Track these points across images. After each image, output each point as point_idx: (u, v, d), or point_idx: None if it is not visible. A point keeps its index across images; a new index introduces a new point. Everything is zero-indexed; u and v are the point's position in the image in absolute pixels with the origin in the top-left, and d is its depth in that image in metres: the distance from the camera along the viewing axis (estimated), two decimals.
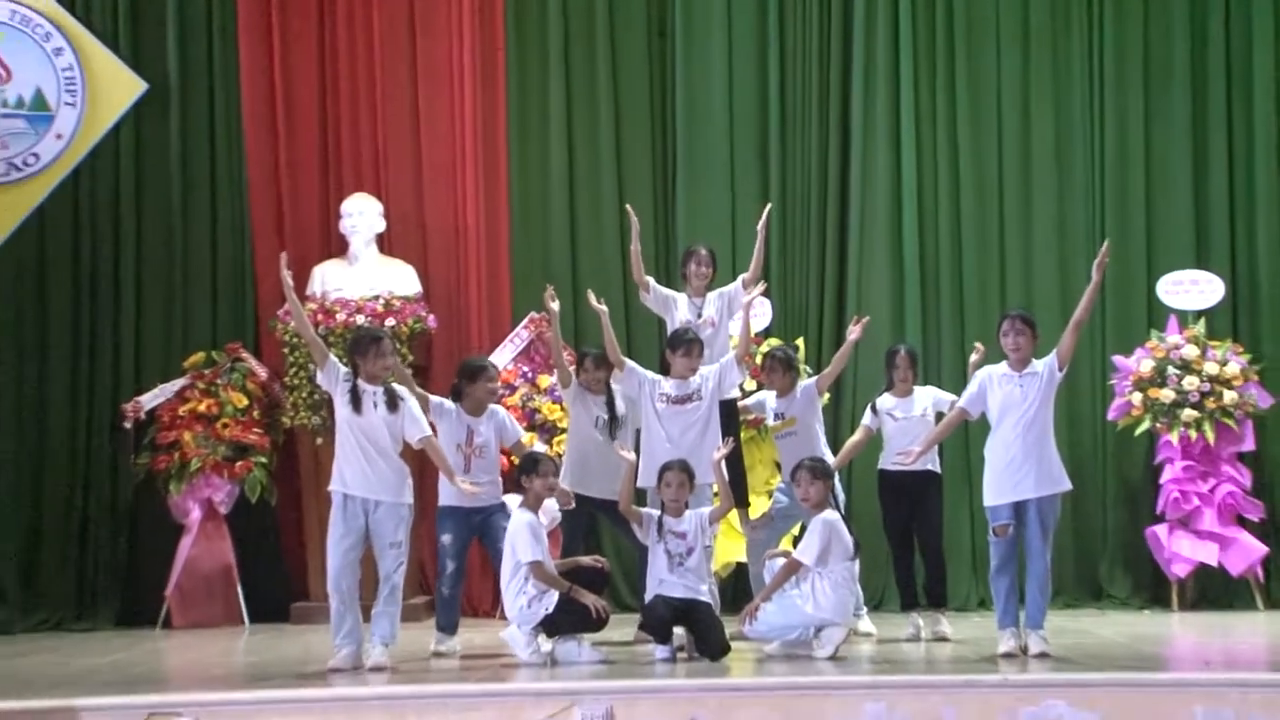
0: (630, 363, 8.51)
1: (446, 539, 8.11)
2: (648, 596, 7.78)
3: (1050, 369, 7.58)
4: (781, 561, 7.89)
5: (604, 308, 8.52)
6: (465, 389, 8.20)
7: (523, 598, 7.60)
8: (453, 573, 8.15)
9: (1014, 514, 7.52)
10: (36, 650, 8.97)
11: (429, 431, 7.72)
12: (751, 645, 7.83)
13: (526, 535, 7.60)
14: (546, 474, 7.82)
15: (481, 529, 8.14)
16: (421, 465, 8.34)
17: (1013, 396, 7.56)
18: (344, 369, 7.60)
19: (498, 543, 7.94)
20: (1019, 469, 7.49)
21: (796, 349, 9.61)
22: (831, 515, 7.75)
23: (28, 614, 10.33)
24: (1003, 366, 7.66)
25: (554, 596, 7.56)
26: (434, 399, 8.18)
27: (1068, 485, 7.66)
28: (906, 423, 8.55)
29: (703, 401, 8.32)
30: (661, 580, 7.70)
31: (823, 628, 7.57)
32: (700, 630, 7.59)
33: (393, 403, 7.56)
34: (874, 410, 8.71)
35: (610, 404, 8.57)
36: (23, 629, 10.17)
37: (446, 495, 7.99)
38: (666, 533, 7.73)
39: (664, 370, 8.54)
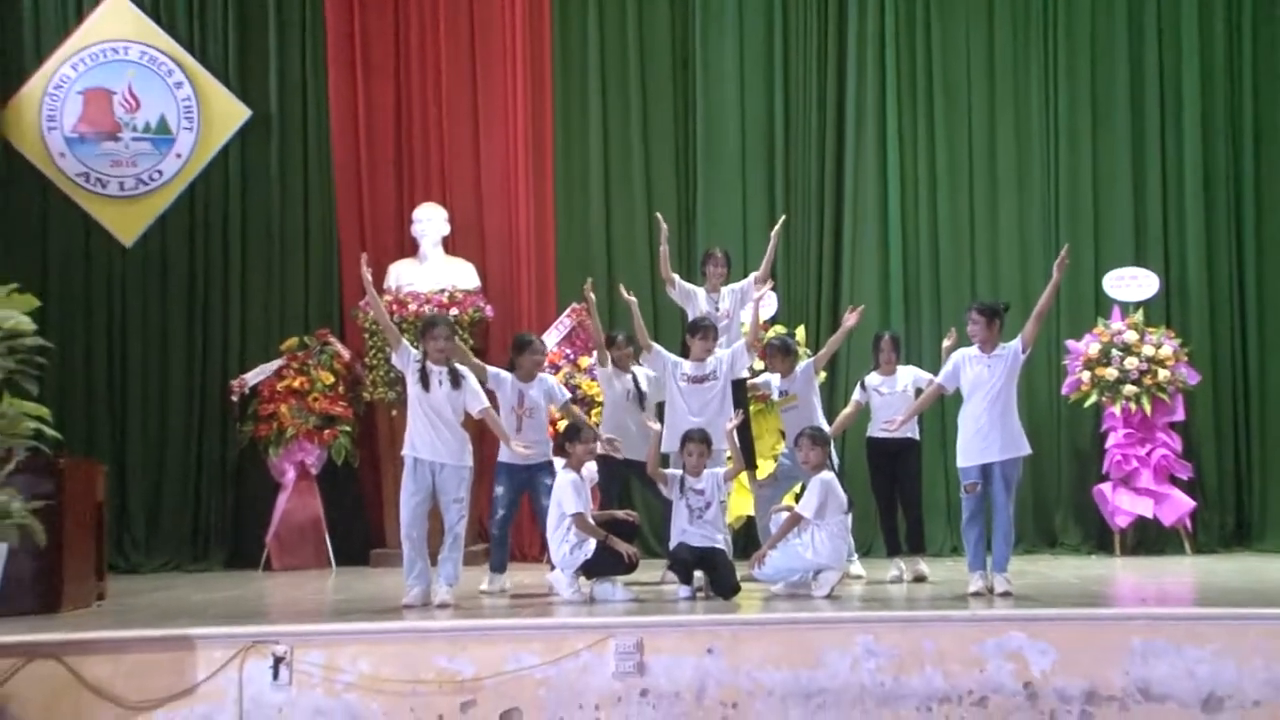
0: (656, 346, 8.46)
1: (500, 490, 8.10)
2: (672, 544, 7.73)
3: (1014, 351, 7.49)
4: (785, 515, 7.83)
5: (634, 299, 8.48)
6: (516, 360, 8.18)
7: (566, 545, 7.56)
8: (502, 518, 8.13)
9: (981, 474, 7.45)
10: (160, 587, 8.97)
11: (488, 404, 7.67)
12: (760, 586, 7.77)
13: (570, 491, 7.55)
14: (587, 440, 7.76)
15: (530, 484, 8.10)
16: (480, 432, 8.30)
17: (981, 375, 7.48)
18: (415, 351, 7.55)
19: (541, 497, 7.95)
20: (986, 436, 7.42)
21: (794, 337, 9.53)
22: (828, 475, 7.68)
23: (153, 557, 10.38)
24: (974, 349, 7.58)
25: (593, 544, 7.51)
26: (491, 369, 8.15)
27: (1027, 450, 7.56)
28: (891, 397, 8.48)
29: (718, 381, 8.28)
30: (684, 530, 7.64)
31: (820, 571, 7.51)
32: (715, 574, 7.53)
33: (455, 381, 7.50)
34: (863, 387, 8.66)
35: (636, 379, 8.52)
36: (149, 569, 10.22)
37: (503, 454, 7.96)
38: (688, 490, 7.66)
39: (684, 353, 8.48)
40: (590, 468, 8.10)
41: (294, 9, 10.89)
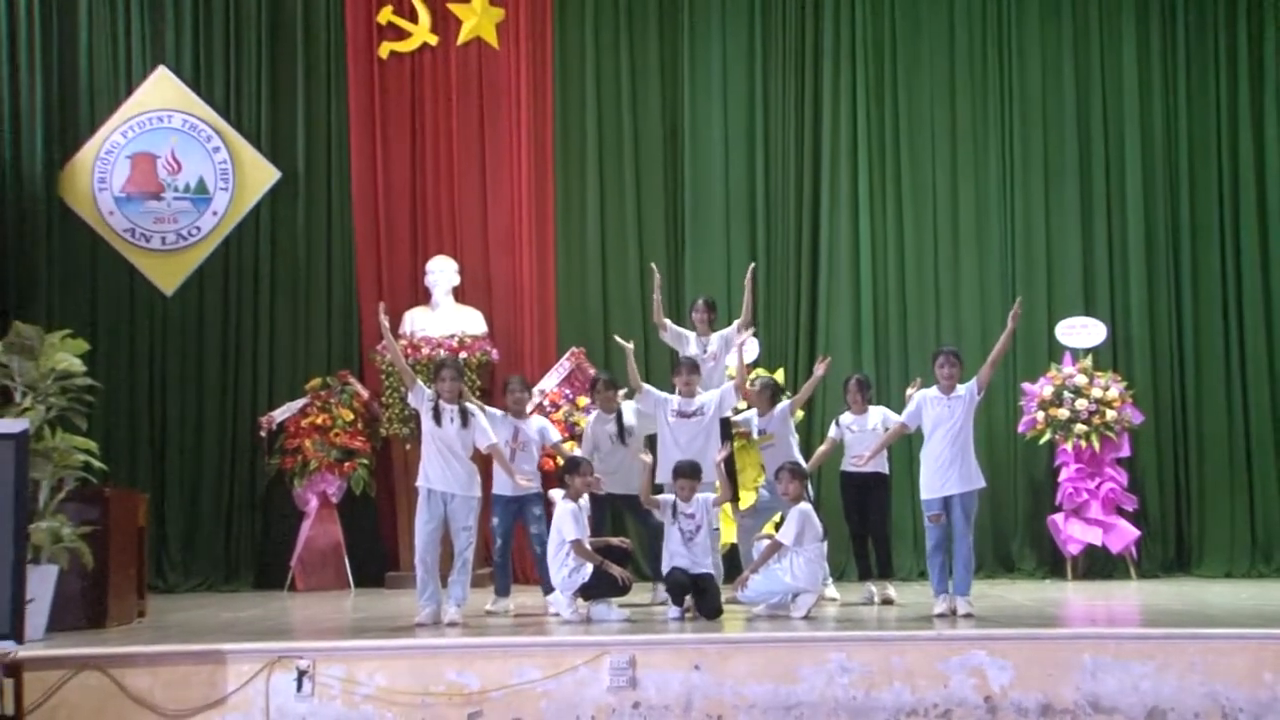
0: (646, 386, 8.46)
1: (496, 520, 8.15)
2: (665, 567, 7.73)
3: (971, 393, 7.53)
4: (767, 543, 7.84)
5: (629, 345, 8.47)
6: (505, 398, 8.32)
7: (565, 569, 7.56)
8: (501, 547, 8.17)
9: (943, 506, 7.47)
10: (194, 606, 8.95)
11: (495, 441, 7.68)
12: (743, 607, 7.78)
13: (569, 519, 7.56)
14: (585, 473, 7.78)
15: (521, 513, 8.13)
16: (484, 466, 8.32)
17: (942, 414, 7.50)
18: (428, 391, 7.57)
19: (530, 526, 8.07)
20: (946, 471, 7.43)
21: (774, 383, 9.51)
22: (806, 506, 7.69)
23: (188, 578, 10.37)
24: (934, 390, 7.61)
25: (589, 568, 7.52)
26: (488, 409, 8.16)
27: (983, 484, 7.57)
28: (862, 435, 8.49)
29: (705, 416, 8.29)
30: (674, 554, 7.65)
31: (798, 594, 7.52)
32: (703, 597, 7.53)
33: (465, 419, 7.52)
34: (837, 425, 8.68)
35: (619, 419, 8.52)
36: (184, 589, 10.21)
37: (496, 486, 8.04)
38: (680, 515, 7.66)
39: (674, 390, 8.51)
40: (586, 497, 8.11)
41: (320, 81, 10.97)
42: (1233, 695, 6.15)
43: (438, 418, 7.46)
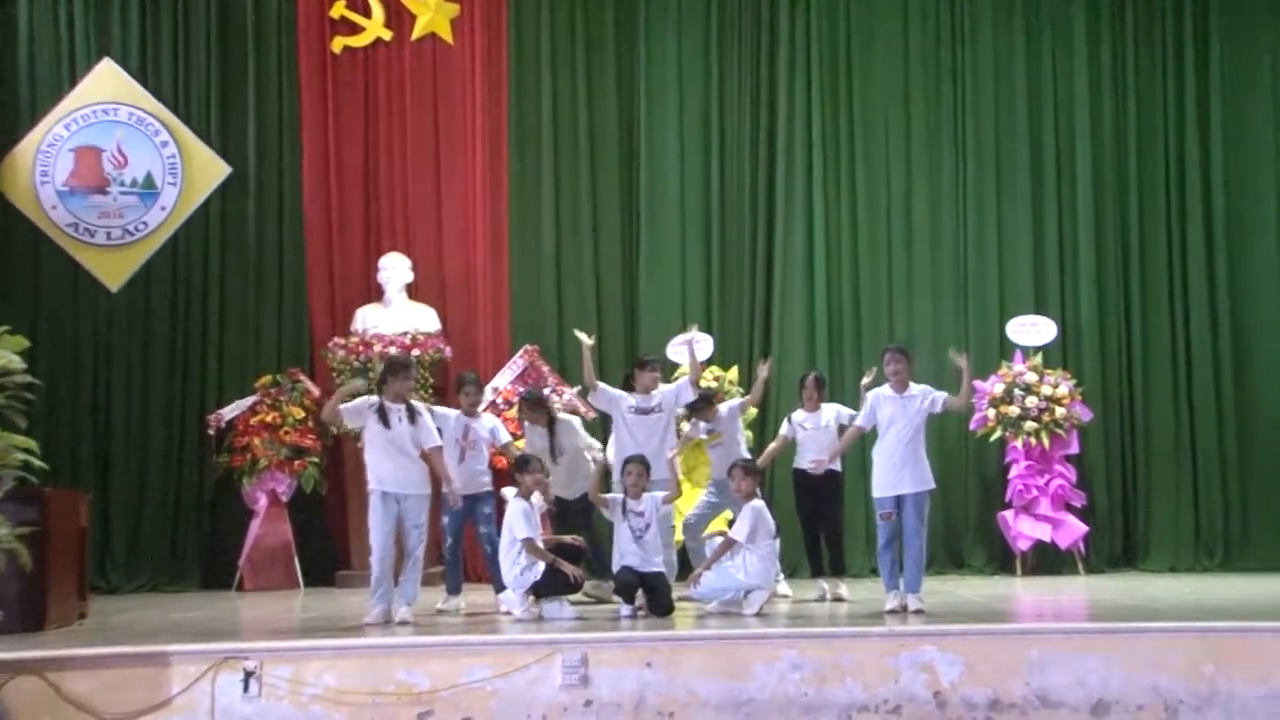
0: (601, 384, 8.42)
1: (446, 519, 8.09)
2: (615, 566, 7.72)
3: (929, 399, 7.54)
4: (720, 540, 7.84)
5: (590, 340, 8.36)
6: (458, 395, 8.29)
7: (516, 567, 7.52)
8: (452, 545, 8.13)
9: (895, 504, 7.50)
10: (138, 607, 8.82)
11: (438, 443, 7.60)
12: (695, 604, 7.78)
13: (521, 518, 7.53)
14: (535, 471, 7.75)
15: (471, 512, 8.06)
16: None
17: (895, 414, 7.53)
18: (368, 400, 7.50)
19: (479, 525, 8.05)
20: (899, 470, 7.46)
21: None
22: (758, 503, 7.70)
23: (132, 578, 10.21)
24: (888, 389, 7.63)
25: (541, 566, 7.49)
26: (438, 410, 8.15)
27: (934, 485, 7.60)
28: (815, 432, 8.50)
29: (662, 414, 8.30)
30: (625, 552, 7.63)
31: (751, 590, 7.52)
32: (654, 595, 7.52)
33: (413, 416, 7.48)
34: (789, 422, 8.68)
35: (551, 434, 8.46)
36: (128, 590, 10.05)
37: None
38: (629, 513, 7.65)
39: (626, 388, 8.49)
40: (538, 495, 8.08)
41: (271, 75, 10.86)
42: (1175, 687, 6.23)
43: (385, 420, 7.39)
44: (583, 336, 8.41)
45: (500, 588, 7.77)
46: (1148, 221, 10.87)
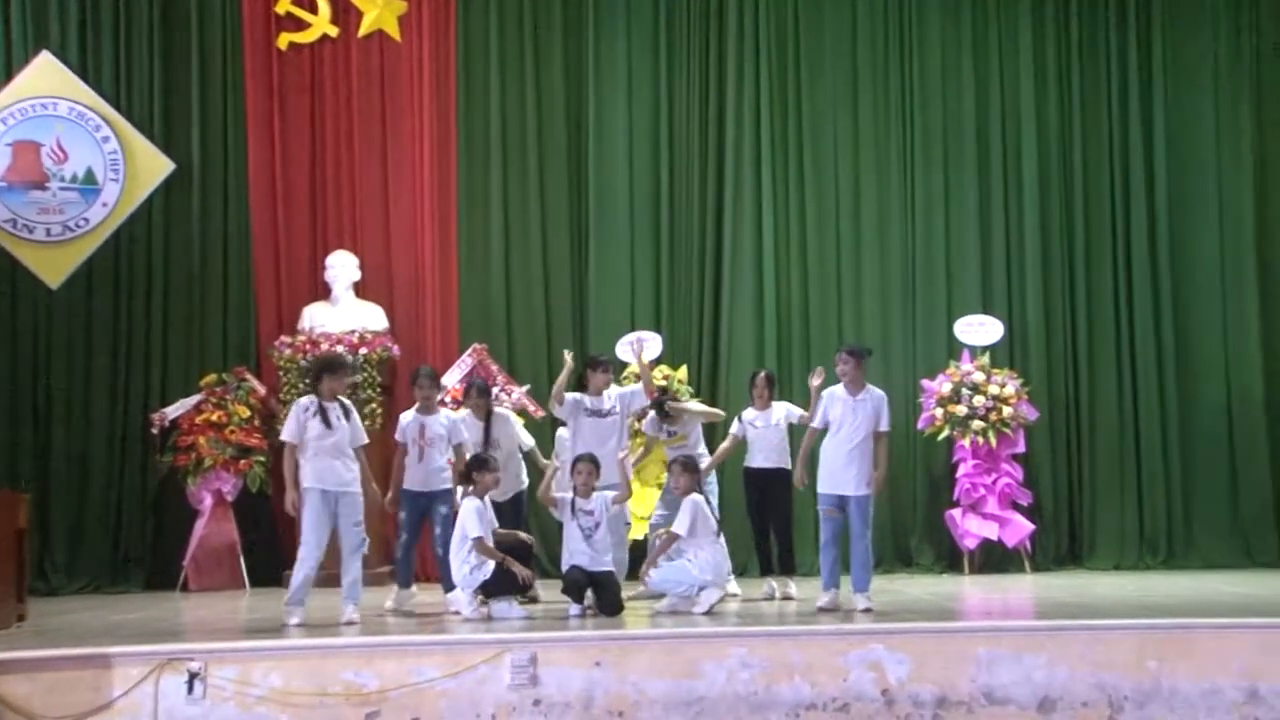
0: (568, 395, 8.34)
1: (403, 515, 8.04)
2: (564, 565, 7.71)
3: (879, 408, 7.56)
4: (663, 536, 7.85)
5: (570, 363, 8.36)
6: (414, 391, 8.20)
7: (466, 566, 7.49)
8: (406, 541, 8.07)
9: (838, 503, 7.54)
10: (80, 608, 8.70)
11: (366, 440, 7.63)
12: (645, 604, 7.78)
13: (473, 517, 7.50)
14: (493, 469, 7.71)
15: (429, 510, 8.01)
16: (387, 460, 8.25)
17: (846, 414, 7.56)
18: (305, 403, 7.41)
19: (436, 525, 7.93)
20: (845, 470, 7.50)
21: (678, 377, 9.47)
22: (697, 497, 7.72)
23: (73, 580, 10.08)
24: (841, 389, 7.67)
25: (491, 565, 7.47)
26: (401, 417, 8.12)
27: (873, 490, 7.59)
28: (766, 430, 8.54)
29: (615, 416, 8.33)
30: (574, 551, 7.62)
31: (702, 589, 7.53)
32: (603, 594, 7.52)
33: (347, 413, 7.47)
34: (740, 421, 8.70)
35: (487, 428, 8.41)
36: (69, 591, 9.92)
37: (406, 481, 7.94)
38: (579, 512, 7.64)
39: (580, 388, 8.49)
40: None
41: (216, 71, 10.75)
42: (1119, 684, 6.32)
43: (327, 420, 7.33)
44: (568, 357, 8.40)
45: (450, 587, 7.74)
46: (1093, 222, 10.99)
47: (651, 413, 8.78)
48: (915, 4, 11.09)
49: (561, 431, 8.82)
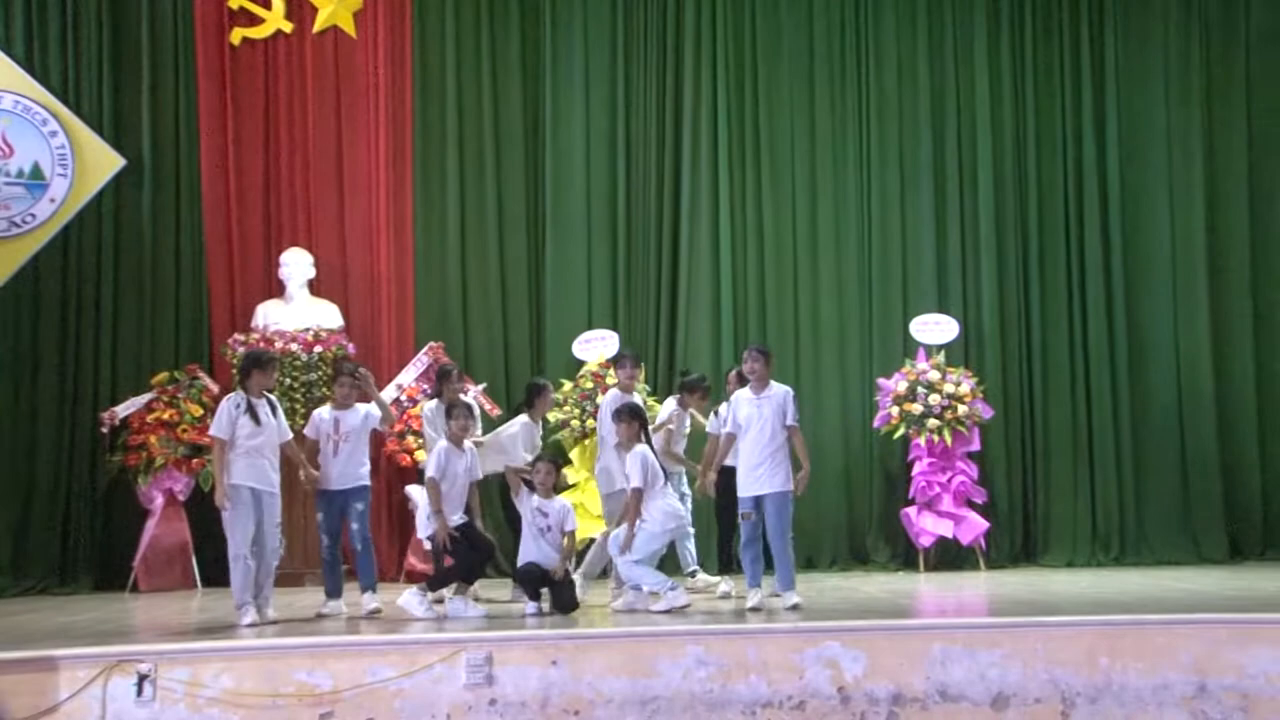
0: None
1: (321, 516, 7.73)
2: (520, 561, 7.67)
3: (785, 404, 7.55)
4: (617, 530, 7.74)
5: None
6: (335, 387, 7.95)
7: (424, 511, 7.53)
8: (329, 545, 7.72)
9: (755, 504, 7.52)
10: (25, 610, 8.57)
11: (290, 436, 7.54)
12: (602, 601, 7.77)
13: (434, 458, 7.52)
14: (459, 418, 7.66)
15: (345, 508, 7.71)
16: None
17: (753, 414, 7.55)
18: (234, 400, 7.28)
19: (351, 522, 7.68)
20: (757, 470, 7.49)
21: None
22: (642, 448, 7.63)
23: (19, 580, 9.91)
24: (747, 391, 7.65)
25: (455, 518, 7.44)
26: (315, 413, 7.93)
27: (792, 487, 7.56)
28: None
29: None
30: (531, 549, 7.59)
31: (671, 588, 7.46)
32: (557, 591, 7.51)
33: (274, 410, 7.40)
34: (716, 415, 8.31)
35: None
36: (14, 593, 9.75)
37: (321, 480, 7.68)
38: (536, 511, 7.62)
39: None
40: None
41: (167, 66, 10.63)
42: (1071, 680, 6.37)
43: (256, 417, 7.24)
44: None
45: (367, 587, 7.61)
46: (1047, 222, 11.09)
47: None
48: (872, 6, 11.14)
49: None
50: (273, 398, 7.52)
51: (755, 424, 7.51)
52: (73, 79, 10.50)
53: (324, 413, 7.87)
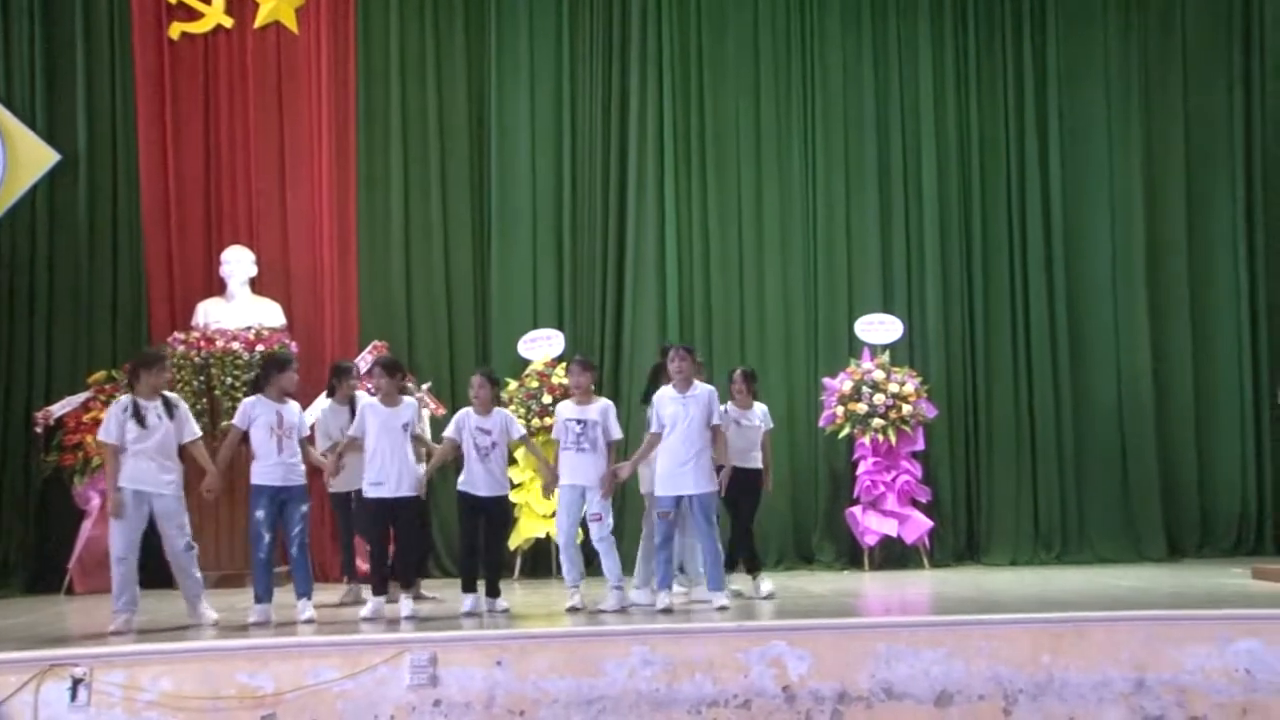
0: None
1: (261, 514, 7.35)
2: (461, 488, 7.55)
3: (710, 403, 7.56)
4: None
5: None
6: (272, 378, 7.54)
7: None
8: (269, 543, 7.39)
9: (675, 504, 7.52)
10: None
11: (199, 435, 7.41)
12: (550, 600, 7.74)
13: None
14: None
15: (282, 507, 7.43)
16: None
17: (678, 413, 7.54)
18: (121, 404, 7.18)
19: (290, 525, 7.47)
20: (680, 469, 7.49)
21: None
22: (607, 401, 7.82)
23: None
24: (670, 389, 7.66)
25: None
26: (246, 400, 7.61)
27: (716, 487, 7.63)
28: (749, 429, 8.33)
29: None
30: (471, 469, 7.49)
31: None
32: (489, 523, 7.55)
33: (170, 411, 7.24)
34: (725, 413, 8.16)
35: (352, 412, 8.03)
36: None
37: (257, 475, 7.40)
38: (474, 429, 7.52)
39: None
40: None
41: (103, 59, 10.49)
42: (1014, 677, 6.44)
43: (141, 419, 7.11)
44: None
45: (303, 592, 7.44)
46: (990, 223, 11.20)
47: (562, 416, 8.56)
48: (816, 8, 11.20)
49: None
50: (172, 396, 7.36)
51: (681, 423, 7.50)
52: (3, 71, 10.34)
53: (264, 403, 7.50)
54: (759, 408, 8.56)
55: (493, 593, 7.54)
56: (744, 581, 8.37)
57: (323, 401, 8.71)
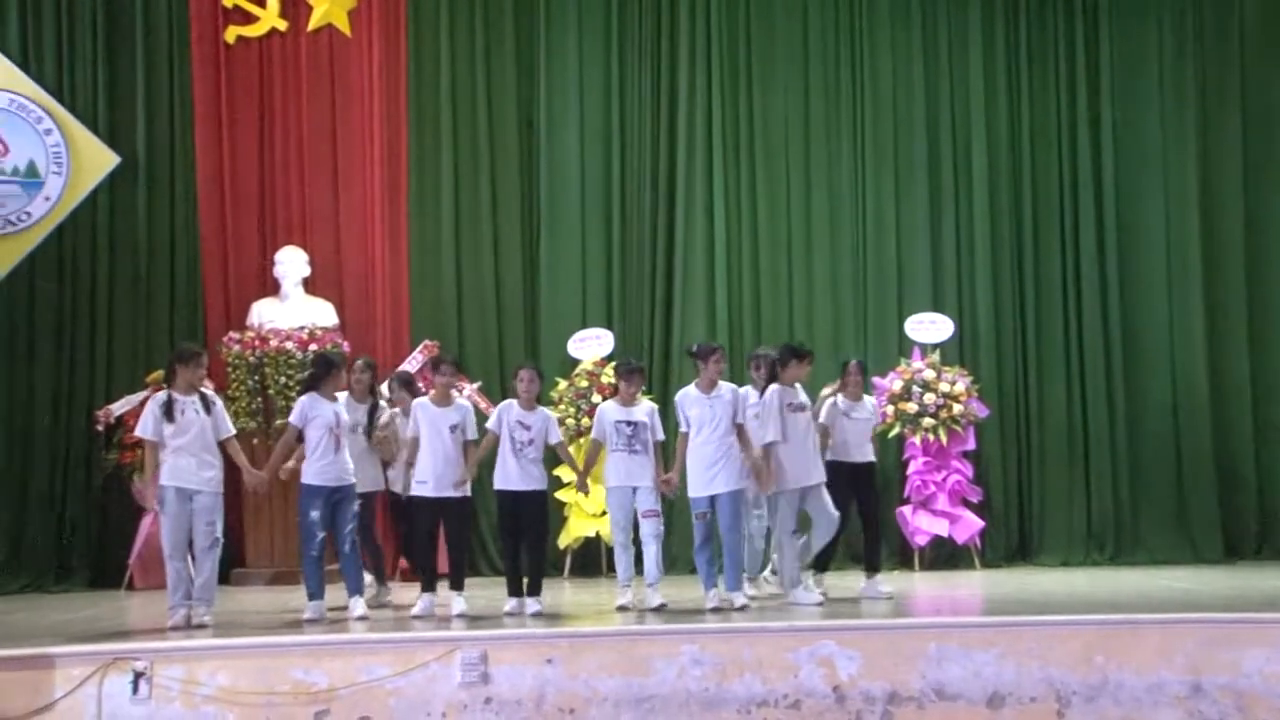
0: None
1: (315, 514, 7.40)
2: (496, 485, 7.59)
3: (735, 403, 7.57)
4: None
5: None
6: (330, 377, 7.64)
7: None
8: (320, 541, 7.42)
9: (709, 504, 7.53)
10: (20, 609, 8.58)
11: (233, 432, 7.50)
12: (599, 599, 7.77)
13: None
14: (446, 374, 7.66)
15: (335, 506, 7.48)
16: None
17: (704, 414, 7.57)
18: (158, 399, 7.25)
19: (342, 524, 7.49)
20: (710, 469, 7.50)
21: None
22: (651, 403, 7.91)
23: (15, 578, 9.90)
24: (693, 389, 7.68)
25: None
26: (301, 400, 7.59)
27: (744, 485, 7.63)
28: (860, 423, 8.38)
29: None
30: (506, 463, 7.50)
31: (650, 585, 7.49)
32: (526, 520, 7.50)
33: (207, 406, 7.30)
34: (835, 406, 8.34)
35: (372, 411, 8.19)
36: (10, 591, 9.73)
37: (311, 474, 7.43)
38: (515, 422, 7.54)
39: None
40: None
41: (162, 64, 10.63)
42: (1067, 679, 6.39)
43: (171, 414, 7.16)
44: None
45: (354, 591, 7.49)
46: (1042, 220, 11.09)
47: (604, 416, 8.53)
48: (866, 4, 11.14)
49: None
50: (209, 392, 7.45)
51: (708, 424, 7.52)
52: (68, 77, 10.50)
53: (323, 401, 7.58)
54: (869, 400, 8.55)
55: (533, 591, 7.50)
56: (889, 581, 8.37)
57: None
